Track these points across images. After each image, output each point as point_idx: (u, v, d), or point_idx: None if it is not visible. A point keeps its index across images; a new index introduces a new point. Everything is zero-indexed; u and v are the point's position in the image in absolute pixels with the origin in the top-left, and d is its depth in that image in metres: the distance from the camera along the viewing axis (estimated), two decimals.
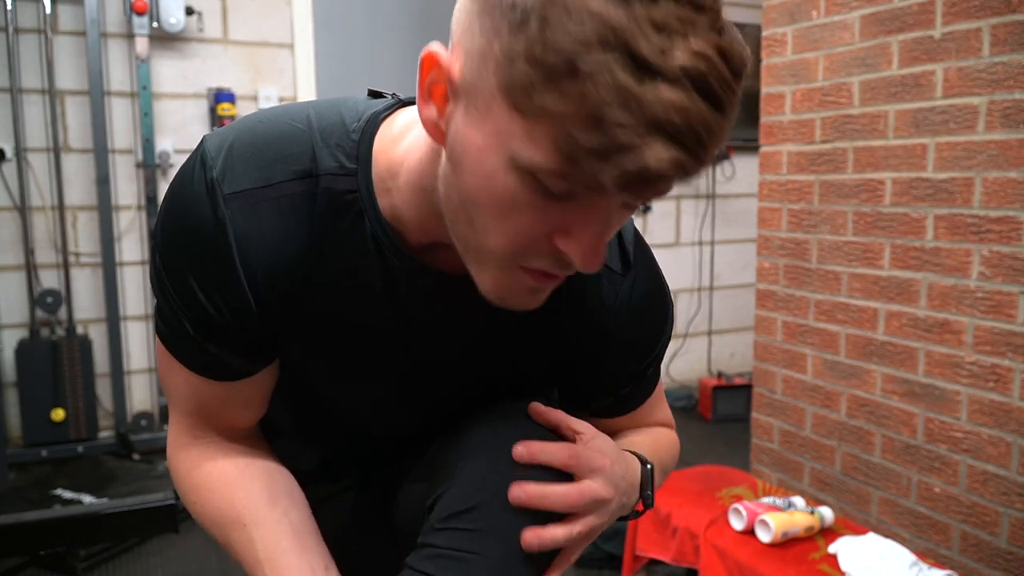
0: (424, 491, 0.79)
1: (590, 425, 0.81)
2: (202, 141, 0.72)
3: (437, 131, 0.64)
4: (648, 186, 0.54)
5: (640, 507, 0.84)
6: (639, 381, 0.90)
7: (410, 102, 0.76)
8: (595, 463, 0.75)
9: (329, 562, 0.81)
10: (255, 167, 0.70)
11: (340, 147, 0.71)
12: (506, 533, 0.72)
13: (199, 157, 0.71)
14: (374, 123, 0.73)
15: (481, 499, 0.73)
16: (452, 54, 0.63)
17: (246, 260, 0.70)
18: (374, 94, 0.78)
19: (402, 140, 0.71)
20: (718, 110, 0.52)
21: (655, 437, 0.95)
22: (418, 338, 0.79)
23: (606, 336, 0.83)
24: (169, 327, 0.76)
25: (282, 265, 0.71)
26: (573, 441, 0.78)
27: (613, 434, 0.89)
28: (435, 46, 0.64)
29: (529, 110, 0.54)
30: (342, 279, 0.73)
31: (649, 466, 0.83)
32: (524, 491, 0.71)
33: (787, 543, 1.74)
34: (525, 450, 0.74)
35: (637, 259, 0.85)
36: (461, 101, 0.61)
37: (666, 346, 0.90)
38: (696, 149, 0.53)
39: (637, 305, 0.84)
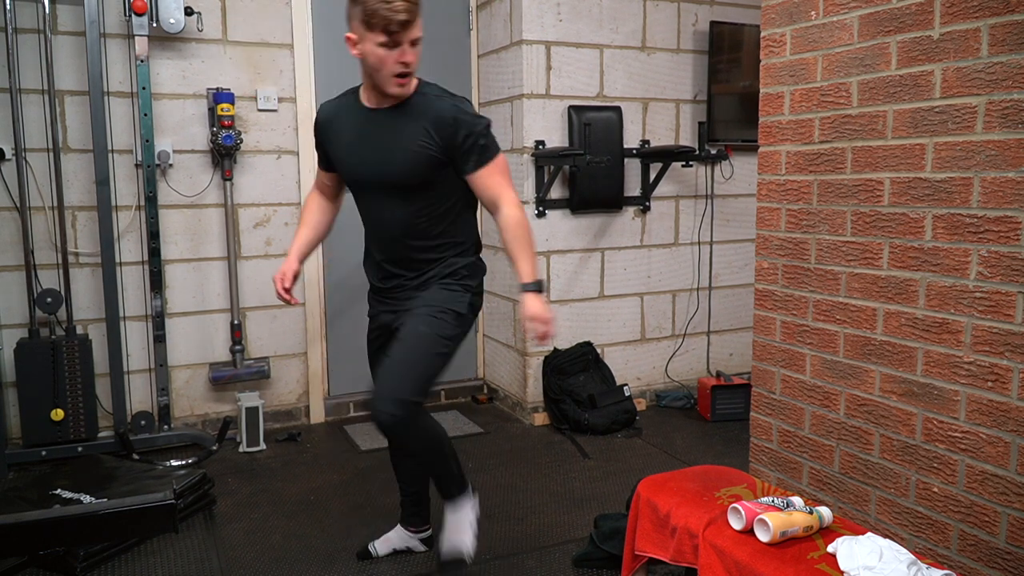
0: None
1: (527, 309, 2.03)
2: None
3: (358, 55, 2.00)
4: (390, 30, 1.93)
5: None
6: (482, 146, 2.08)
7: None
8: (544, 317, 2.02)
9: (309, 241, 2.41)
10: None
11: (351, 90, 2.24)
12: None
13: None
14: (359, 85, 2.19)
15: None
16: (348, 34, 2.01)
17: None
18: None
19: (364, 80, 2.11)
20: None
21: (516, 237, 2.08)
22: (372, 141, 2.12)
23: (454, 123, 2.05)
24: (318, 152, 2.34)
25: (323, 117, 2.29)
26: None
27: (492, 201, 2.10)
28: (347, 35, 2.00)
29: (371, 28, 1.93)
30: (343, 120, 2.21)
31: (540, 284, 2.07)
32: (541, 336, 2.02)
33: (786, 543, 1.75)
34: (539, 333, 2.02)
35: (453, 96, 2.13)
36: (359, 43, 1.98)
37: (483, 133, 2.09)
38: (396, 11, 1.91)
39: (457, 106, 2.08)
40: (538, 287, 2.04)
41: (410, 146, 2.05)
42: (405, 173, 2.08)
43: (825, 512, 1.82)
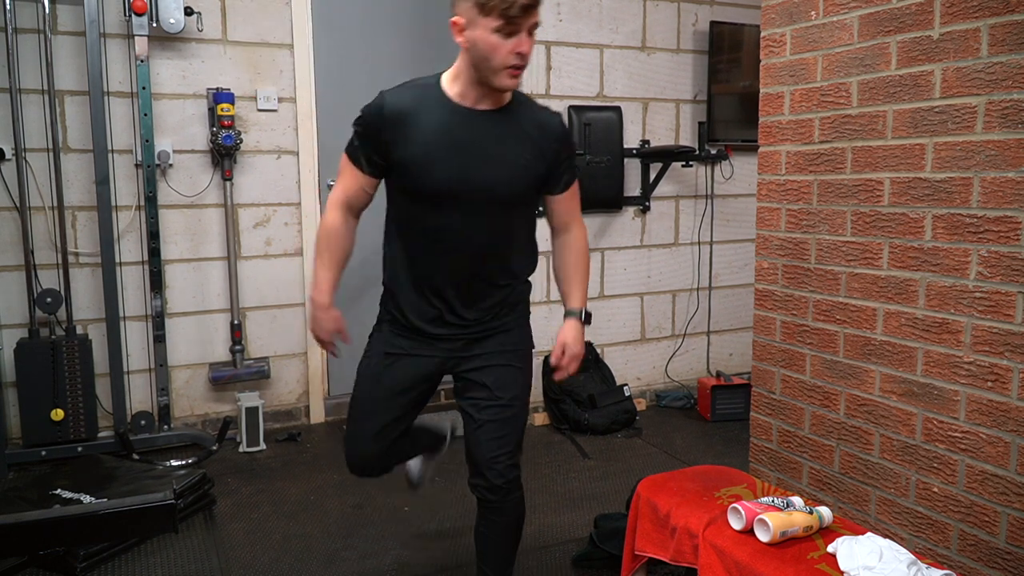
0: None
1: (563, 343, 1.96)
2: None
3: (464, 43, 1.72)
4: (510, 15, 1.65)
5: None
6: (575, 166, 1.95)
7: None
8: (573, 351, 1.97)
9: (336, 282, 1.95)
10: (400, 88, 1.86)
11: (427, 80, 1.86)
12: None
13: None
14: (439, 73, 1.85)
15: None
16: (453, 19, 1.71)
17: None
18: None
19: (454, 70, 1.80)
20: None
21: (575, 263, 2.00)
22: (474, 148, 1.79)
23: (562, 139, 1.89)
24: (349, 146, 1.86)
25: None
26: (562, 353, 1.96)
27: (565, 223, 1.98)
28: (452, 20, 1.72)
29: (488, 13, 1.65)
30: (429, 116, 1.80)
31: (581, 315, 2.00)
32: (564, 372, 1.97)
33: (786, 543, 1.75)
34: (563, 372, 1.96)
35: (557, 114, 1.93)
36: (466, 28, 1.69)
37: (575, 150, 2.03)
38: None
39: (561, 119, 1.93)
40: (587, 318, 1.99)
41: (519, 160, 1.80)
42: (512, 190, 1.82)
43: (825, 512, 1.82)
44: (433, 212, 1.82)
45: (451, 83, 1.79)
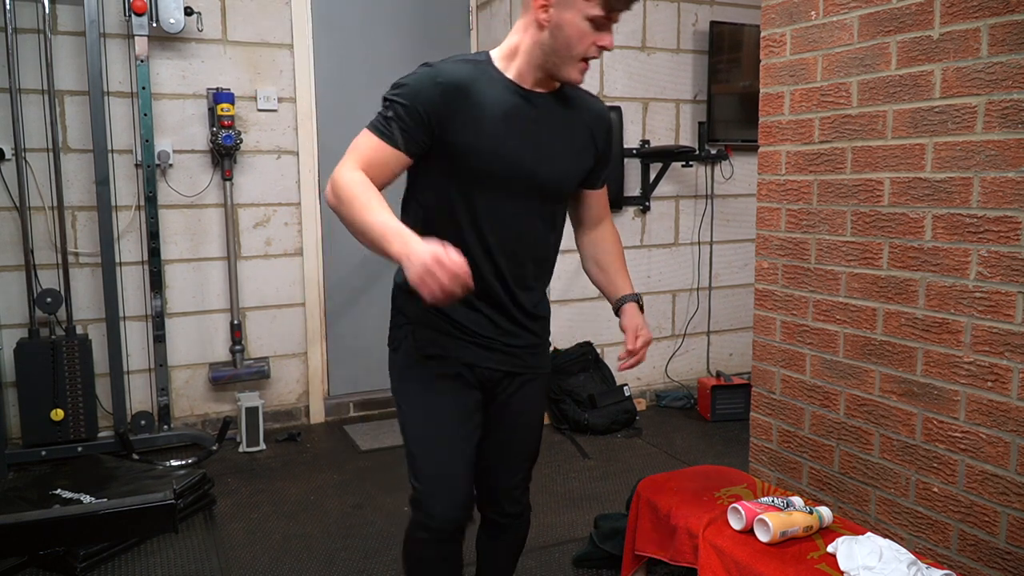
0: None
1: (631, 328, 1.76)
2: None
3: (544, 21, 1.52)
4: (612, 6, 1.49)
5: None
6: (610, 160, 1.82)
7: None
8: (647, 335, 1.75)
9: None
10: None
11: (476, 56, 1.65)
12: None
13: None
14: (486, 51, 1.65)
15: None
16: None
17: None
18: None
19: (509, 47, 1.61)
20: None
21: (617, 253, 1.88)
22: (534, 130, 1.60)
23: (610, 130, 1.78)
24: (379, 121, 1.55)
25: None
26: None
27: (600, 217, 1.87)
28: None
29: None
30: (487, 94, 1.57)
31: (639, 299, 1.83)
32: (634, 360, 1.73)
33: (786, 543, 1.75)
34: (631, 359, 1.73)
35: (604, 103, 1.89)
36: (557, 7, 1.50)
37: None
38: None
39: (607, 108, 1.85)
40: (640, 301, 1.83)
41: (576, 147, 1.68)
42: (570, 181, 1.70)
43: (825, 512, 1.82)
44: (484, 202, 1.58)
45: (504, 61, 1.59)
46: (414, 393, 1.65)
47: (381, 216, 1.38)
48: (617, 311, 1.80)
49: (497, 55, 1.60)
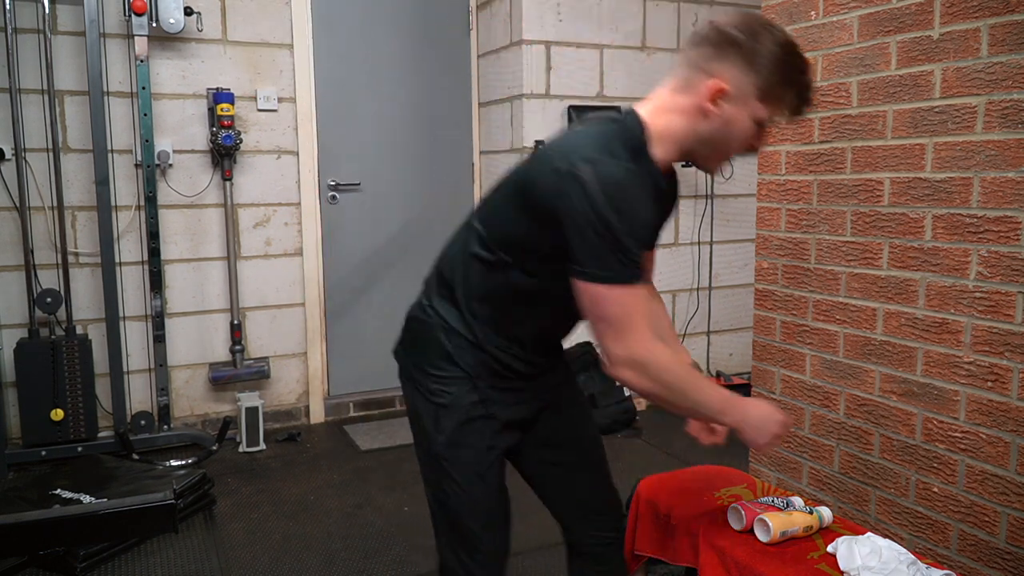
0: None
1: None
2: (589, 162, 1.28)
3: (711, 112, 1.37)
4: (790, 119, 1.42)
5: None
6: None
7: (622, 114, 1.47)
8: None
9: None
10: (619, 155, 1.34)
11: (635, 143, 1.39)
12: None
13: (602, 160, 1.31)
14: (634, 120, 1.43)
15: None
16: (716, 80, 1.37)
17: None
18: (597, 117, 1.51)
19: (664, 131, 1.41)
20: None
21: (669, 320, 1.84)
22: (655, 226, 1.54)
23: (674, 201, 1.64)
24: (628, 267, 1.30)
25: None
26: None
27: (648, 278, 1.74)
28: (714, 82, 1.36)
29: (769, 101, 1.36)
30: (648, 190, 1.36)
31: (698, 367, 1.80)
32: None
33: (786, 543, 1.74)
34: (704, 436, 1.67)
35: None
36: (730, 101, 1.36)
37: None
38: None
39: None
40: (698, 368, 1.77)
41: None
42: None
43: (825, 512, 1.82)
44: None
45: (657, 143, 1.39)
46: (470, 460, 1.50)
47: (710, 392, 1.44)
48: None
49: (652, 135, 1.39)
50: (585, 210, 1.25)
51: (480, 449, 1.50)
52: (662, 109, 1.43)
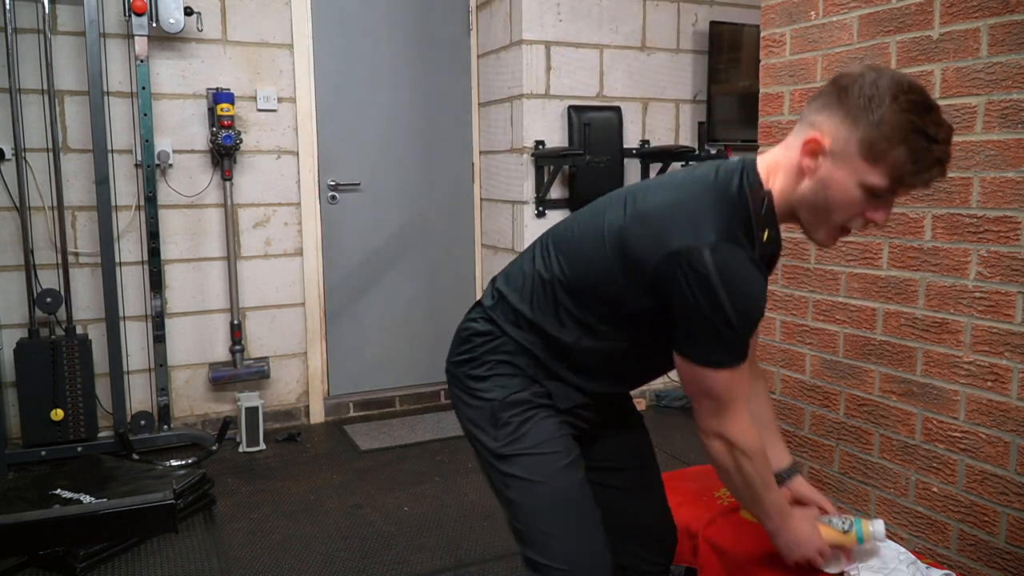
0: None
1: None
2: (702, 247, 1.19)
3: (808, 169, 1.23)
4: (909, 184, 1.21)
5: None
6: None
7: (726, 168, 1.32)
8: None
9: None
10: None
11: (733, 200, 1.27)
12: None
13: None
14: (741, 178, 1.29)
15: None
16: (814, 132, 1.22)
17: None
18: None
19: (778, 196, 1.29)
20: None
21: (772, 412, 1.69)
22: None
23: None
24: (738, 354, 1.27)
25: None
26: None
27: (751, 363, 1.47)
28: (812, 134, 1.22)
29: (876, 161, 1.17)
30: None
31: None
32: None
33: None
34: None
35: None
36: (829, 158, 1.20)
37: None
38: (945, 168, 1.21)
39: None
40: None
41: None
42: None
43: (868, 526, 1.57)
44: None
45: (760, 222, 1.28)
46: (542, 461, 1.38)
47: (774, 496, 1.43)
48: (779, 478, 1.58)
49: (749, 216, 1.26)
50: (705, 305, 1.18)
51: (548, 455, 1.38)
52: (773, 166, 1.29)
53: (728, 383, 1.29)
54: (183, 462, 3.31)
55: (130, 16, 3.26)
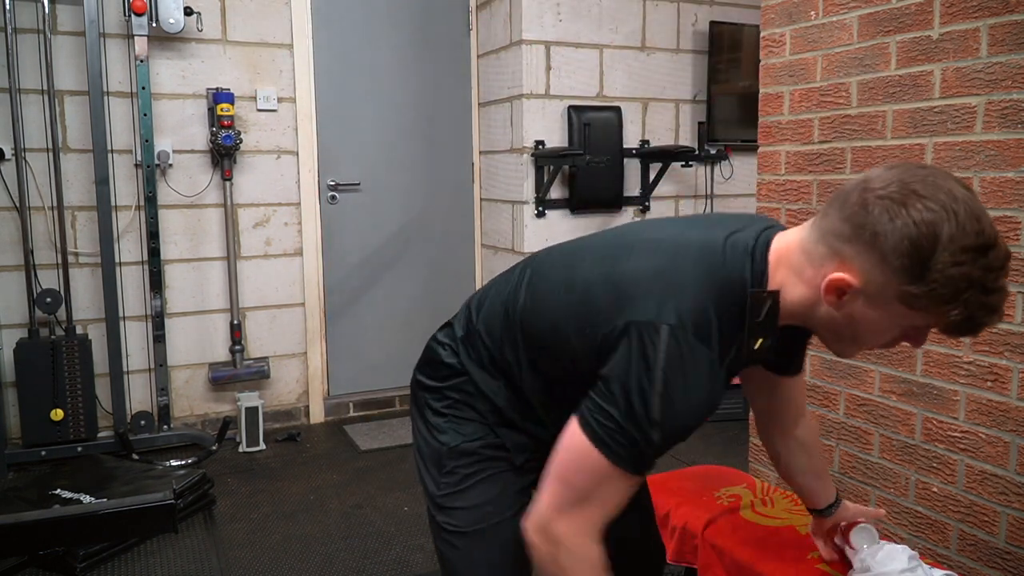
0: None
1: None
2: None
3: (832, 305, 1.04)
4: (951, 330, 1.02)
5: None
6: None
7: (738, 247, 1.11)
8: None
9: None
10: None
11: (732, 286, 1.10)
12: None
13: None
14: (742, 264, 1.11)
15: None
16: (842, 271, 1.01)
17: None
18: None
19: (774, 284, 1.10)
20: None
21: (823, 456, 1.62)
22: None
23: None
24: (640, 458, 1.10)
25: None
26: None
27: (798, 407, 1.53)
28: (839, 273, 1.01)
29: (919, 309, 0.98)
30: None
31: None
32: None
33: (785, 542, 1.74)
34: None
35: None
36: (860, 298, 1.01)
37: None
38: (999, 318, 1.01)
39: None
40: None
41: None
42: None
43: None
44: None
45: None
46: (482, 516, 1.29)
47: None
48: (827, 511, 1.59)
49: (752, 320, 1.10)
50: (634, 384, 1.02)
51: (498, 493, 1.28)
52: (786, 263, 1.09)
53: (603, 483, 1.08)
54: (183, 462, 3.31)
55: (130, 16, 3.26)
